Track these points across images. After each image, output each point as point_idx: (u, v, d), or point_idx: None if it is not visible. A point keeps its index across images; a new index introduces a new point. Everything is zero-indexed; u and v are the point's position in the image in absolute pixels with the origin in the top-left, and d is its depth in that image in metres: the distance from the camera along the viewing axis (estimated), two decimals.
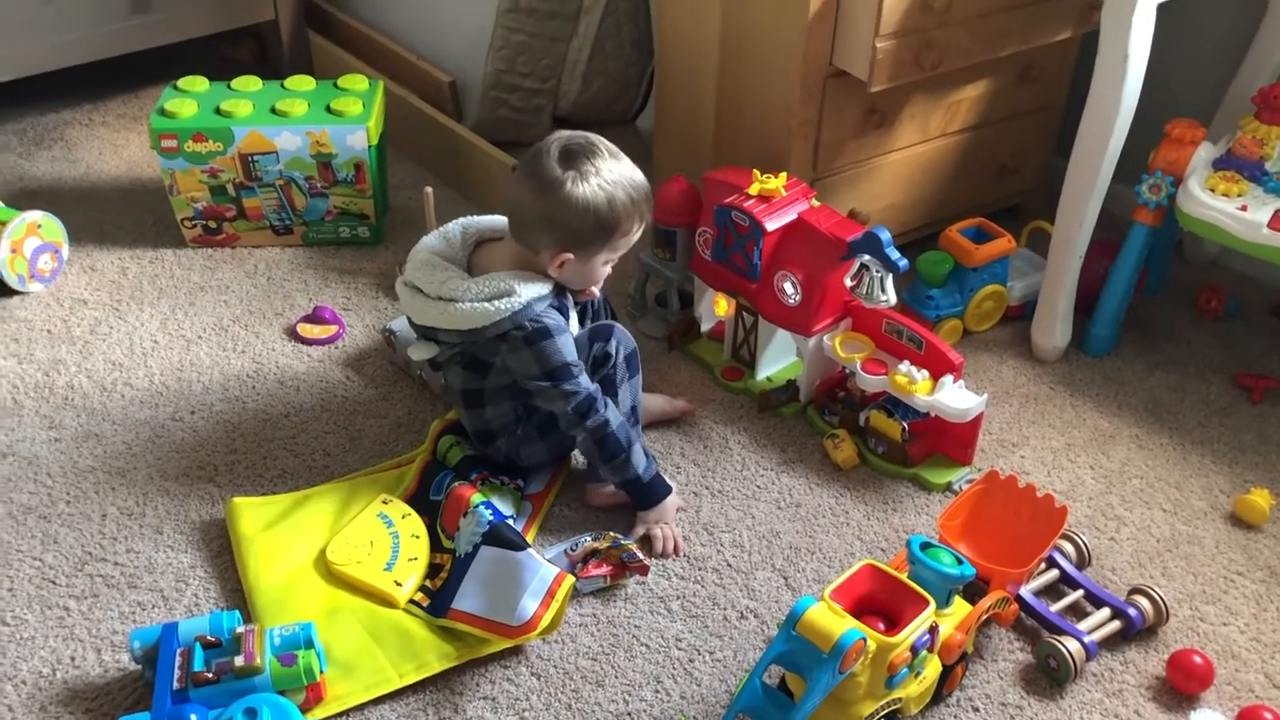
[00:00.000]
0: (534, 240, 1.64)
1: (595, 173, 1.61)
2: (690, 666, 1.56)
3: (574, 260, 1.65)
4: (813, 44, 1.91)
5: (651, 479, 1.72)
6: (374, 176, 2.26)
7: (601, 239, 1.64)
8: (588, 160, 1.61)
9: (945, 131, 2.18)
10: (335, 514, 1.72)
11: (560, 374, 1.64)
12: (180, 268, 2.27)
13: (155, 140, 2.18)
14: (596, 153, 1.63)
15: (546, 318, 1.63)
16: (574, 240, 1.63)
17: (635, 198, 1.64)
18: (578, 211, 1.60)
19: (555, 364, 1.63)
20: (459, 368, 1.71)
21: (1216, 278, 2.31)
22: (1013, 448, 1.93)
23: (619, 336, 1.74)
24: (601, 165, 1.62)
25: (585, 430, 1.67)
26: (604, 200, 1.60)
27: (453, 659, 1.52)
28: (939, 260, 2.09)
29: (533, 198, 1.62)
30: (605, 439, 1.67)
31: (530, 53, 2.56)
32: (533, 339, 1.62)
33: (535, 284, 1.64)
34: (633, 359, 1.76)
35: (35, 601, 1.61)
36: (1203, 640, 1.62)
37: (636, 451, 1.70)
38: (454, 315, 1.62)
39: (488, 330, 1.61)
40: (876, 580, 1.44)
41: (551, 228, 1.62)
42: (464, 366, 1.71)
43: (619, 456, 1.68)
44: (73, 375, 2.00)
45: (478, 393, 1.71)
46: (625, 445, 1.68)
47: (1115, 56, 1.80)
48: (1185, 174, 1.95)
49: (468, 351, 1.68)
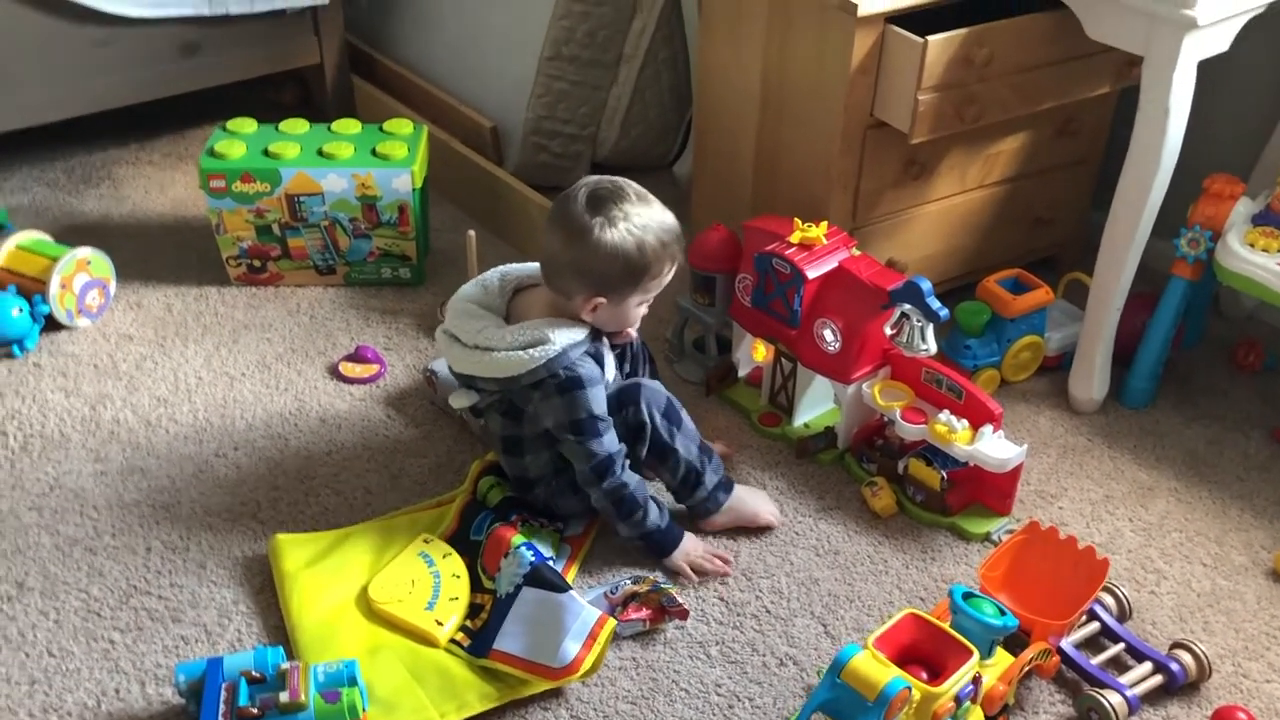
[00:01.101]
0: (566, 286, 1.66)
1: (623, 217, 1.61)
2: (730, 713, 1.56)
3: (606, 305, 1.66)
4: (854, 95, 1.94)
5: (667, 526, 1.73)
6: (417, 219, 2.29)
7: (632, 283, 1.65)
8: (615, 205, 1.62)
9: (983, 183, 2.20)
10: (377, 552, 1.74)
11: (585, 427, 1.65)
12: (224, 305, 2.30)
13: (204, 180, 2.22)
14: (624, 197, 1.63)
15: (580, 367, 1.64)
16: (605, 285, 1.64)
17: (665, 240, 1.64)
18: (606, 257, 1.61)
19: (582, 416, 1.64)
20: (498, 415, 1.73)
21: (1253, 332, 2.31)
22: (1051, 499, 1.93)
23: (647, 397, 1.73)
24: (629, 209, 1.62)
25: (601, 491, 1.68)
26: (633, 245, 1.61)
27: (494, 699, 1.53)
28: (977, 310, 2.10)
29: (562, 245, 1.63)
30: (622, 500, 1.69)
31: (571, 100, 2.60)
32: (565, 387, 1.63)
33: (570, 330, 1.65)
34: (671, 411, 1.76)
35: (81, 633, 1.63)
36: (1246, 697, 1.61)
37: (651, 507, 1.71)
38: (490, 364, 1.64)
39: (523, 378, 1.63)
40: (920, 629, 1.44)
41: (581, 274, 1.63)
42: (503, 414, 1.72)
43: (635, 514, 1.70)
44: (118, 410, 2.03)
45: (517, 440, 1.73)
46: (641, 503, 1.70)
47: (1157, 112, 1.82)
48: (1224, 229, 1.96)
49: (506, 399, 1.70)
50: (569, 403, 1.64)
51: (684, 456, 1.75)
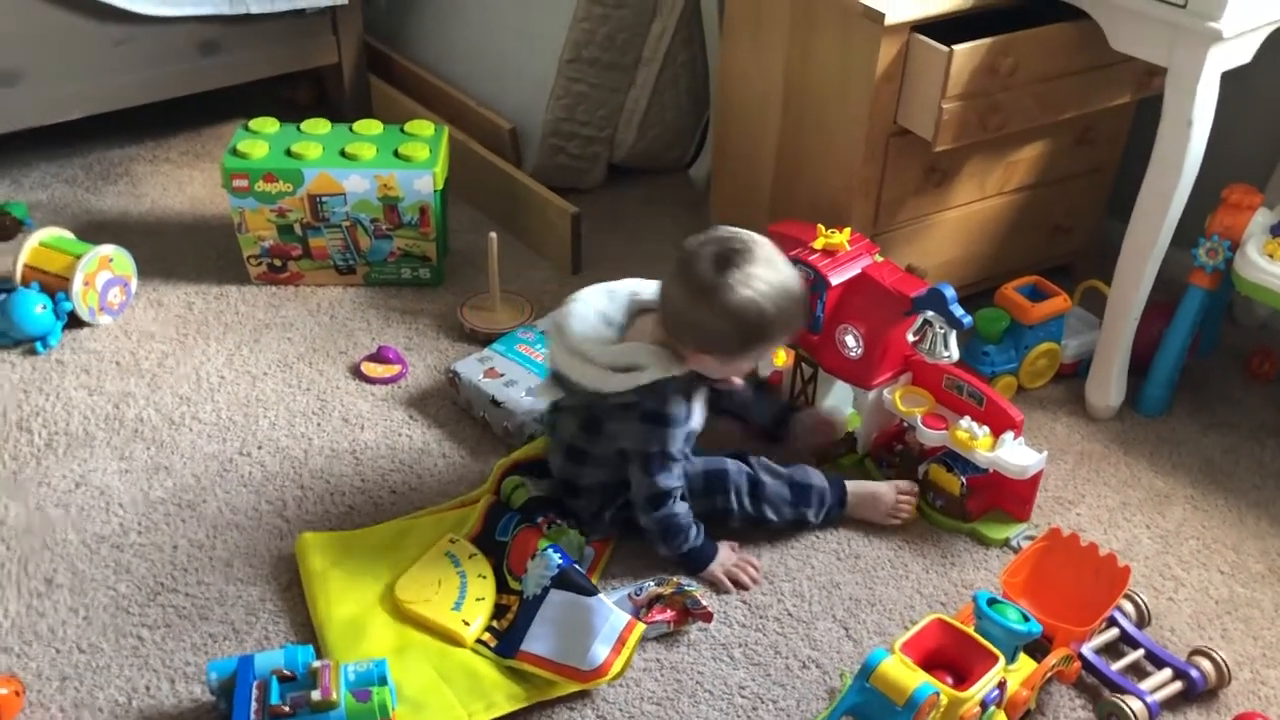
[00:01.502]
0: (678, 334, 1.64)
1: (747, 281, 1.57)
2: (753, 715, 1.57)
3: (713, 360, 1.65)
4: (879, 103, 1.95)
5: (703, 545, 1.74)
6: (437, 220, 2.31)
7: (745, 348, 1.64)
8: (741, 267, 1.57)
9: (1002, 190, 2.21)
10: (403, 552, 1.75)
11: (654, 461, 1.66)
12: (245, 304, 2.31)
13: (226, 179, 2.23)
14: (751, 259, 1.58)
15: (669, 404, 1.64)
16: (716, 346, 1.62)
17: (785, 308, 1.61)
18: (724, 320, 1.58)
19: (654, 450, 1.66)
20: (575, 422, 1.73)
21: (1267, 340, 2.33)
22: (1069, 505, 1.94)
23: (734, 481, 1.76)
24: (755, 273, 1.57)
25: (651, 518, 1.70)
26: (754, 313, 1.58)
27: (521, 700, 1.54)
28: (995, 317, 2.11)
29: (681, 296, 1.61)
30: (669, 528, 1.71)
31: (589, 102, 2.61)
32: (648, 418, 1.65)
33: (669, 364, 1.64)
34: (755, 488, 1.78)
35: (110, 630, 1.64)
36: (1265, 704, 1.62)
37: (692, 530, 1.73)
38: (585, 373, 1.64)
39: (611, 397, 1.64)
40: (946, 635, 1.46)
41: (696, 331, 1.61)
42: (580, 423, 1.72)
43: (678, 539, 1.72)
44: (141, 408, 2.04)
45: (583, 452, 1.74)
46: (685, 529, 1.71)
47: (1179, 123, 1.84)
48: (1242, 239, 1.98)
49: (589, 409, 1.70)
50: (648, 434, 1.65)
51: (776, 519, 1.79)
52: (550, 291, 2.37)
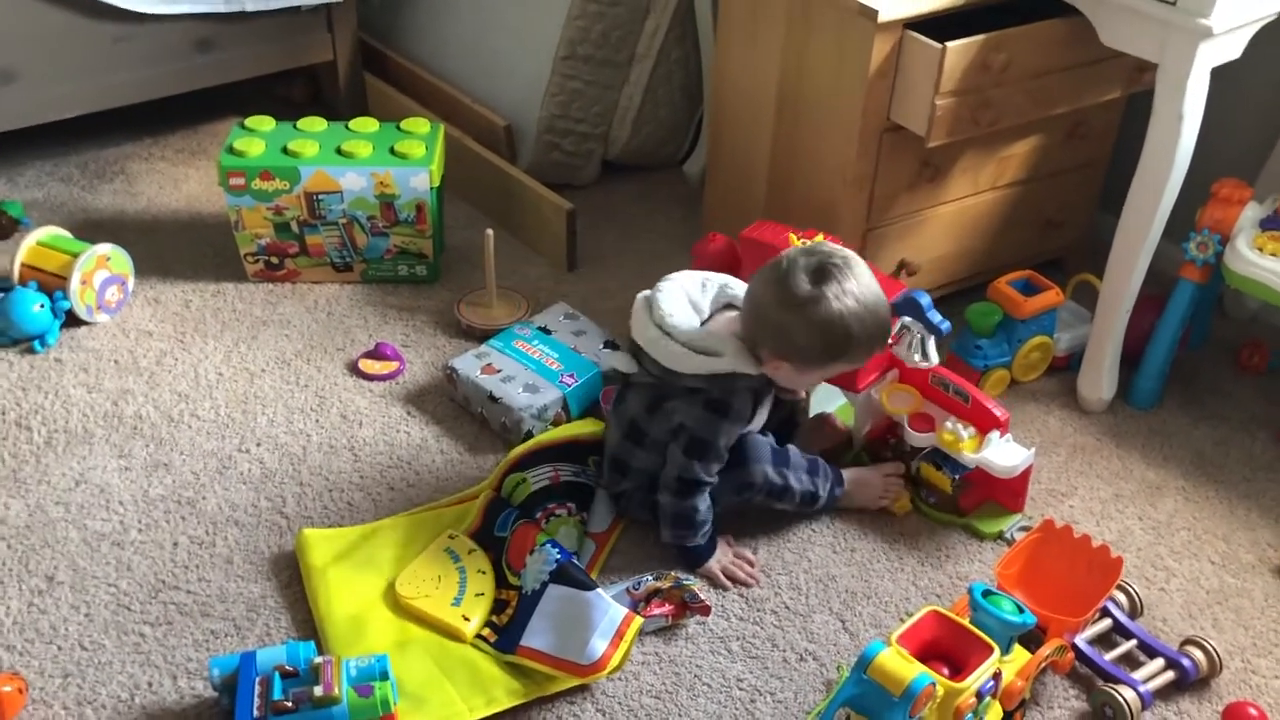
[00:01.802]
0: (760, 337, 1.66)
1: (841, 297, 1.58)
2: (752, 707, 1.59)
3: (789, 368, 1.66)
4: (872, 100, 1.96)
5: (706, 543, 1.76)
6: (434, 217, 2.32)
7: (826, 362, 1.66)
8: (839, 283, 1.59)
9: (995, 185, 2.23)
10: (402, 547, 1.76)
11: (701, 449, 1.68)
12: (242, 301, 2.32)
13: (223, 178, 2.24)
14: (850, 276, 1.60)
15: (735, 398, 1.66)
16: (797, 355, 1.64)
17: (873, 332, 1.62)
18: (812, 333, 1.60)
19: (705, 438, 1.68)
20: (641, 399, 1.75)
21: (1257, 332, 2.34)
22: (1062, 497, 1.96)
23: (753, 455, 1.74)
24: (851, 290, 1.59)
25: (672, 500, 1.71)
26: (842, 329, 1.59)
27: (521, 695, 1.56)
28: (988, 311, 2.13)
29: (773, 302, 1.62)
30: (683, 517, 1.72)
31: (584, 99, 2.62)
32: (711, 405, 1.66)
33: (746, 362, 1.65)
34: (778, 456, 1.77)
35: (112, 627, 1.65)
36: (1255, 693, 1.65)
37: (703, 531, 1.74)
38: (662, 348, 1.66)
39: (685, 378, 1.66)
40: (941, 626, 1.48)
41: (780, 338, 1.63)
42: (646, 402, 1.74)
43: (686, 532, 1.73)
44: (140, 405, 2.05)
45: (642, 432, 1.76)
46: (698, 527, 1.73)
47: (1170, 119, 1.85)
48: (1232, 233, 2.00)
49: (657, 387, 1.71)
50: (705, 421, 1.67)
51: (798, 489, 1.80)
52: (545, 288, 2.39)
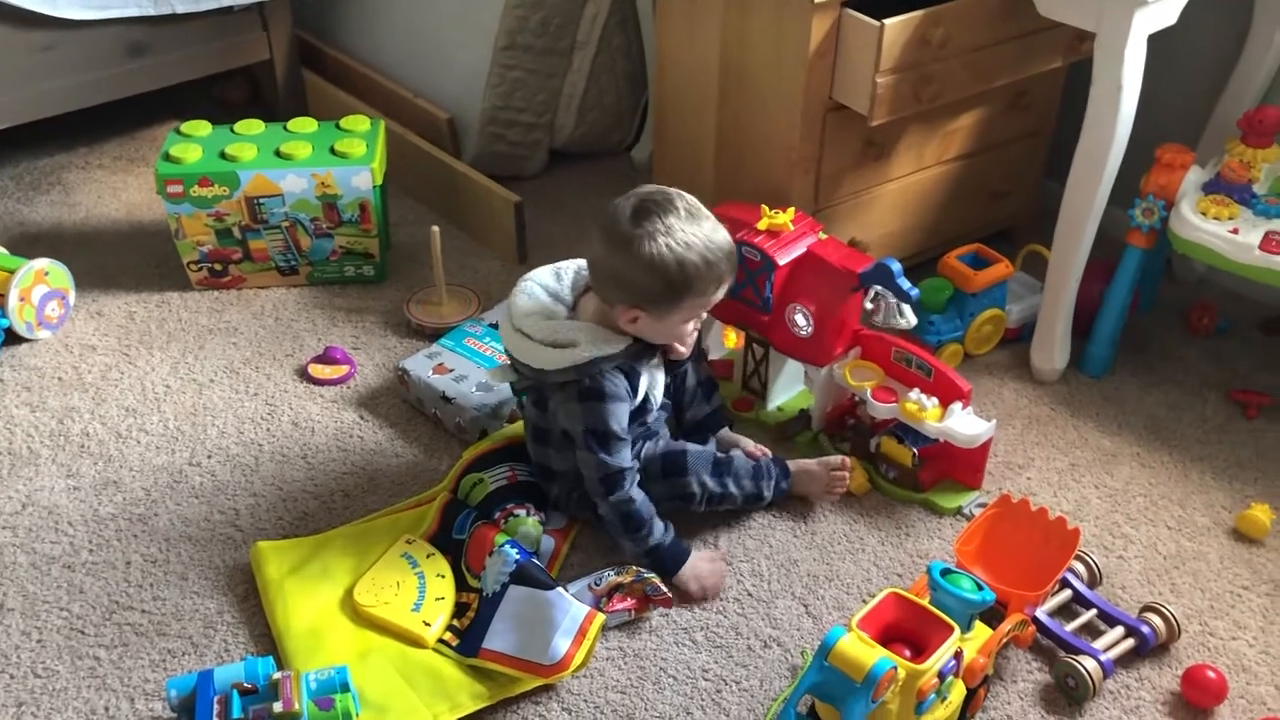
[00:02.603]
0: (607, 294, 1.64)
1: (666, 231, 1.57)
2: (718, 697, 1.59)
3: (646, 318, 1.64)
4: (813, 79, 1.95)
5: (671, 543, 1.72)
6: (378, 216, 2.28)
7: (672, 300, 1.61)
8: (660, 218, 1.58)
9: (940, 160, 2.23)
10: (360, 555, 1.74)
11: (598, 439, 1.65)
12: (187, 311, 2.28)
13: (161, 185, 2.20)
14: (671, 210, 1.59)
15: (605, 380, 1.64)
16: (644, 298, 1.61)
17: (711, 259, 1.60)
18: (645, 270, 1.58)
19: (597, 427, 1.65)
20: (531, 402, 1.75)
21: (1205, 295, 2.36)
22: (1019, 469, 1.97)
23: (693, 467, 1.74)
24: (674, 224, 1.58)
25: (607, 504, 1.68)
26: (673, 261, 1.57)
27: (485, 699, 1.55)
28: (939, 287, 2.13)
29: (604, 251, 1.62)
30: (628, 515, 1.69)
31: (526, 88, 2.59)
32: (584, 395, 1.64)
33: (604, 342, 1.63)
34: (717, 464, 1.77)
35: (65, 652, 1.62)
36: (1214, 655, 1.66)
37: (657, 524, 1.71)
38: (524, 350, 1.65)
39: (550, 374, 1.64)
40: (901, 608, 1.48)
41: (621, 285, 1.61)
42: (534, 403, 1.74)
43: (640, 530, 1.70)
44: (87, 422, 2.01)
45: (545, 432, 1.75)
46: (647, 519, 1.69)
47: (1109, 87, 1.86)
48: (1177, 198, 2.01)
49: (538, 388, 1.71)
50: (586, 411, 1.64)
51: (739, 494, 1.79)
52: (497, 282, 2.36)
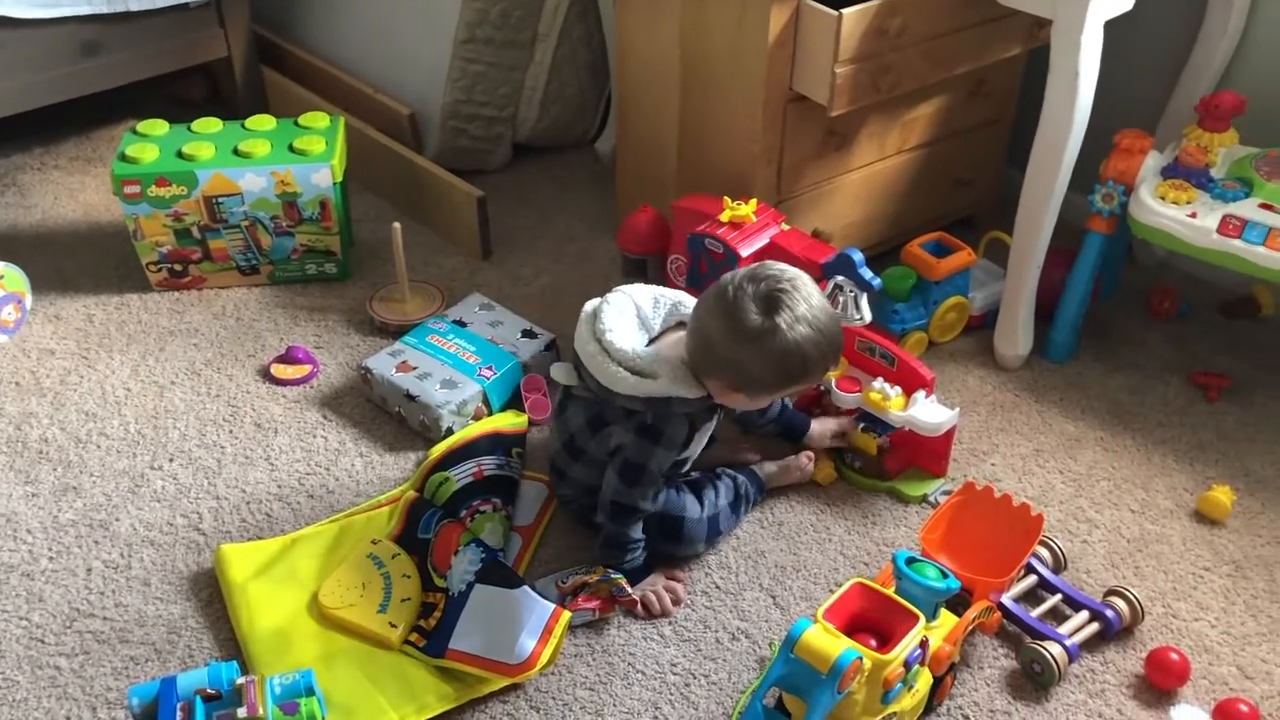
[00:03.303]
0: (710, 370, 1.58)
1: (794, 325, 1.51)
2: (687, 691, 1.59)
3: (744, 397, 1.60)
4: (773, 70, 1.95)
5: (638, 569, 1.70)
6: (339, 213, 2.26)
7: (782, 387, 1.59)
8: (790, 309, 1.51)
9: (902, 149, 2.23)
10: (325, 557, 1.73)
11: (635, 475, 1.62)
12: (147, 312, 2.26)
13: (118, 186, 2.17)
14: (798, 298, 1.52)
15: (669, 425, 1.60)
16: (752, 386, 1.58)
17: (827, 352, 1.56)
18: (771, 365, 1.54)
19: (638, 463, 1.62)
20: (582, 415, 1.69)
21: (1166, 279, 2.38)
22: (983, 456, 1.98)
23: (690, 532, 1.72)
24: (802, 315, 1.52)
25: (609, 525, 1.67)
26: (799, 358, 1.53)
27: (452, 700, 1.54)
28: (902, 275, 2.13)
29: (723, 338, 1.54)
30: (616, 542, 1.68)
31: (488, 82, 2.58)
32: (642, 431, 1.61)
33: (685, 386, 1.58)
34: (712, 534, 1.75)
35: (25, 662, 1.60)
36: (1177, 637, 1.68)
37: (632, 556, 1.69)
38: (599, 365, 1.60)
39: (620, 398, 1.60)
40: (867, 598, 1.48)
41: (734, 371, 1.56)
42: (587, 418, 1.68)
43: (613, 554, 1.69)
44: (45, 428, 1.98)
45: (580, 450, 1.71)
46: (632, 550, 1.68)
47: (1066, 74, 1.86)
48: (1135, 183, 2.02)
49: (597, 403, 1.66)
50: (637, 446, 1.61)
51: (726, 535, 1.80)
52: (460, 278, 2.35)
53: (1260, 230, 1.89)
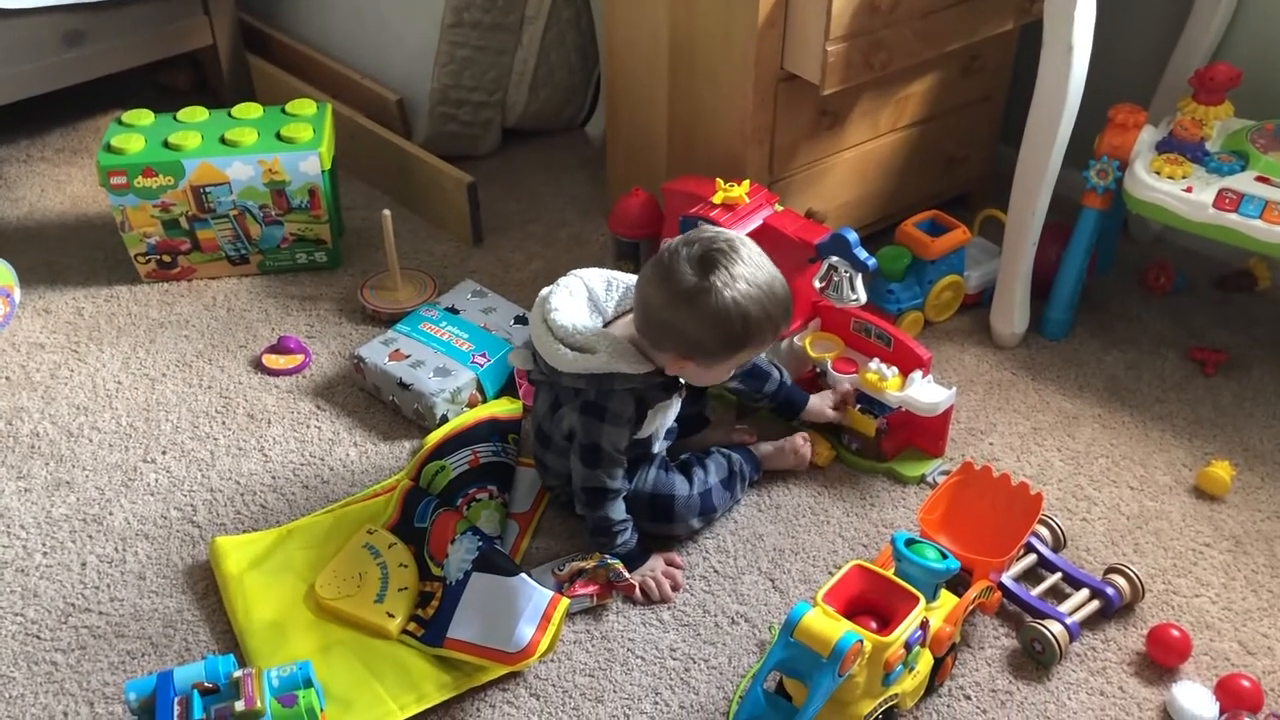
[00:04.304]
0: (656, 340, 1.57)
1: (729, 284, 1.49)
2: (686, 676, 1.58)
3: (695, 366, 1.58)
4: (764, 50, 1.93)
5: (630, 550, 1.69)
6: (328, 201, 2.24)
7: (729, 352, 1.56)
8: (727, 268, 1.50)
9: (895, 127, 2.21)
10: (320, 547, 1.72)
11: (591, 457, 1.62)
12: (137, 304, 2.24)
13: (104, 177, 2.15)
14: (736, 258, 1.51)
15: (612, 400, 1.58)
16: (699, 351, 1.55)
17: (772, 312, 1.53)
18: (709, 325, 1.51)
19: (591, 444, 1.61)
20: (544, 401, 1.71)
21: (1162, 254, 2.37)
22: (981, 435, 1.97)
23: (681, 509, 1.71)
24: (740, 273, 1.50)
25: (587, 512, 1.67)
26: (737, 316, 1.50)
27: (451, 689, 1.53)
28: (897, 255, 2.12)
29: (661, 302, 1.53)
30: (599, 528, 1.67)
31: (476, 66, 2.55)
32: (585, 409, 1.60)
33: (624, 360, 1.57)
34: (705, 507, 1.74)
35: (21, 658, 1.59)
36: (1177, 613, 1.67)
37: (626, 533, 1.68)
38: (545, 344, 1.60)
39: (565, 377, 1.59)
40: (866, 580, 1.47)
41: (676, 336, 1.54)
42: (548, 404, 1.70)
43: (604, 540, 1.68)
44: (36, 422, 1.97)
45: (547, 436, 1.72)
46: (618, 532, 1.67)
47: (1060, 49, 1.85)
48: (1130, 158, 2.01)
49: (551, 387, 1.66)
50: (586, 426, 1.60)
51: (719, 515, 1.78)
52: (452, 265, 2.33)
53: (1257, 204, 1.87)
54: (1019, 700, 1.55)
